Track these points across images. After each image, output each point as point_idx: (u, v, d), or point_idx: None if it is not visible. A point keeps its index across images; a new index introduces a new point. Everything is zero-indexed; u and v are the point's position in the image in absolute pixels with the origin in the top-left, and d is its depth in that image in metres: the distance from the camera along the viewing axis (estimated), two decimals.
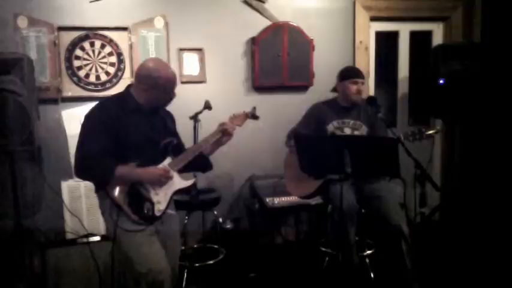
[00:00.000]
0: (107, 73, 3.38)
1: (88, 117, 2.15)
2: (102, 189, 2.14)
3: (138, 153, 2.15)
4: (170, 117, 2.43)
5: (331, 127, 2.98)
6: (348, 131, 2.99)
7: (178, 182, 2.28)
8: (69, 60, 3.28)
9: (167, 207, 2.23)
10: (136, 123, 2.17)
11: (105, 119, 2.11)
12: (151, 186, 2.18)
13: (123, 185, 2.11)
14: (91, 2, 3.33)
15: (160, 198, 2.20)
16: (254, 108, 2.61)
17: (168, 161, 2.26)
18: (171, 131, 2.38)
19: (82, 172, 2.11)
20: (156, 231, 2.20)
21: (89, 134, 2.10)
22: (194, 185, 2.38)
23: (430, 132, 2.78)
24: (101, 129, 2.08)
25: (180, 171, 2.30)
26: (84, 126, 2.13)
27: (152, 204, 2.16)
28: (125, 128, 2.12)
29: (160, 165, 2.22)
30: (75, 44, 3.29)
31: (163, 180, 2.19)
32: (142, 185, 2.16)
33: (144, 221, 2.12)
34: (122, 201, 2.10)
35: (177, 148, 2.36)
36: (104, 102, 2.25)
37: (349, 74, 2.96)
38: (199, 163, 2.39)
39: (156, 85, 2.15)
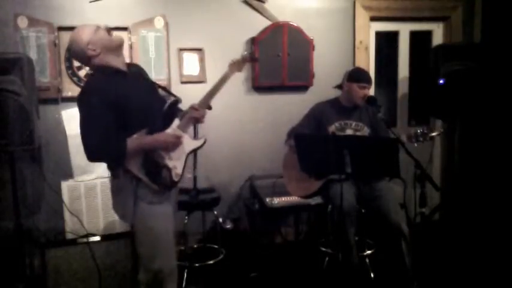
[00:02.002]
0: None
1: (83, 96, 2.04)
2: (117, 167, 2.08)
3: (144, 117, 2.10)
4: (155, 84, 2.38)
5: (332, 128, 2.98)
6: (349, 132, 2.99)
7: (189, 143, 2.26)
8: (69, 60, 3.28)
9: (183, 170, 2.20)
10: (130, 89, 2.09)
11: (100, 93, 2.01)
12: (165, 153, 2.15)
13: (138, 156, 2.07)
14: (91, 2, 3.33)
15: (176, 163, 2.17)
16: (251, 52, 2.57)
17: (176, 123, 2.23)
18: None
19: (95, 155, 2.02)
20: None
21: (91, 115, 1.99)
22: (205, 143, 2.33)
23: (434, 134, 2.78)
24: (101, 106, 1.98)
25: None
26: (82, 107, 2.02)
27: (169, 170, 2.13)
28: (122, 96, 2.04)
29: (170, 129, 2.19)
30: None
31: (176, 146, 2.17)
32: (155, 152, 2.12)
33: (164, 188, 2.11)
34: (139, 172, 2.06)
35: (178, 106, 2.34)
36: (91, 79, 2.14)
37: (359, 77, 2.94)
38: None
39: (88, 40, 2.04)
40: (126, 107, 2.03)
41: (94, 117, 1.98)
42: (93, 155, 2.01)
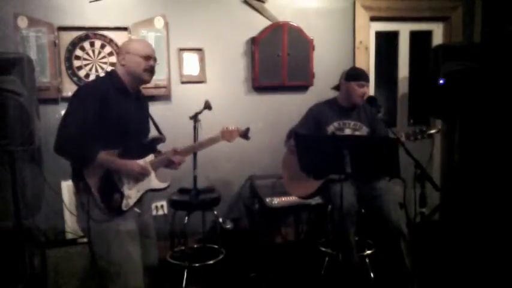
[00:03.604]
0: None
1: (79, 92, 2.14)
2: (80, 171, 2.10)
3: (123, 139, 2.14)
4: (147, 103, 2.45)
5: (331, 128, 2.98)
6: (348, 132, 2.99)
7: (153, 182, 2.28)
8: (69, 60, 3.28)
9: (135, 204, 2.21)
10: (125, 107, 2.16)
11: (96, 96, 2.08)
12: (126, 180, 2.17)
13: (100, 171, 2.09)
14: (91, 2, 3.33)
15: (132, 194, 2.19)
16: (248, 128, 2.68)
17: (150, 158, 2.27)
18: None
19: (64, 148, 2.05)
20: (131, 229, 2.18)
21: (78, 110, 2.05)
22: (168, 187, 2.38)
23: (432, 131, 2.78)
24: (90, 106, 2.04)
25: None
26: (73, 101, 2.10)
27: (122, 196, 2.15)
28: (114, 109, 2.10)
29: (141, 161, 2.22)
30: (75, 44, 3.29)
31: (140, 177, 2.20)
32: (118, 175, 2.15)
33: (109, 211, 2.10)
34: (93, 184, 2.07)
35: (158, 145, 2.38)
36: (95, 81, 2.27)
37: (357, 75, 2.94)
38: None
39: (130, 51, 2.17)
40: (112, 121, 2.09)
41: (81, 113, 2.04)
42: (63, 146, 2.03)
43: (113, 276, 2.12)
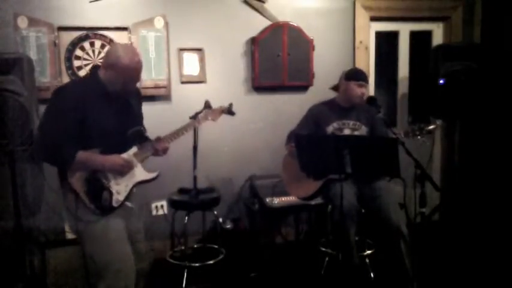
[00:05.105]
0: None
1: (55, 95, 2.13)
2: (63, 173, 2.10)
3: (103, 138, 2.12)
4: (137, 94, 2.40)
5: (331, 128, 2.98)
6: (347, 132, 2.99)
7: (141, 174, 2.25)
8: (69, 60, 3.28)
9: (126, 198, 2.19)
10: (103, 108, 2.14)
11: (73, 99, 2.07)
12: (112, 176, 2.15)
13: (83, 171, 2.07)
14: (91, 2, 3.33)
15: (121, 189, 2.17)
16: (231, 104, 2.67)
17: (133, 150, 2.24)
18: (136, 112, 2.36)
19: (42, 152, 2.06)
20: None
21: (55, 114, 2.05)
22: (157, 177, 2.32)
23: (430, 127, 2.78)
24: (67, 110, 2.04)
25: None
26: (50, 104, 2.09)
27: (111, 193, 2.12)
28: (92, 112, 2.09)
29: (125, 154, 2.20)
30: (75, 44, 3.29)
31: (124, 170, 2.17)
32: (103, 173, 2.12)
33: (100, 210, 2.09)
34: (79, 187, 2.06)
35: (143, 136, 2.33)
36: (73, 82, 2.24)
37: (356, 75, 2.94)
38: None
39: (116, 67, 2.11)
40: (91, 122, 2.07)
41: (57, 115, 2.03)
42: (39, 150, 2.07)
43: (103, 274, 2.09)
